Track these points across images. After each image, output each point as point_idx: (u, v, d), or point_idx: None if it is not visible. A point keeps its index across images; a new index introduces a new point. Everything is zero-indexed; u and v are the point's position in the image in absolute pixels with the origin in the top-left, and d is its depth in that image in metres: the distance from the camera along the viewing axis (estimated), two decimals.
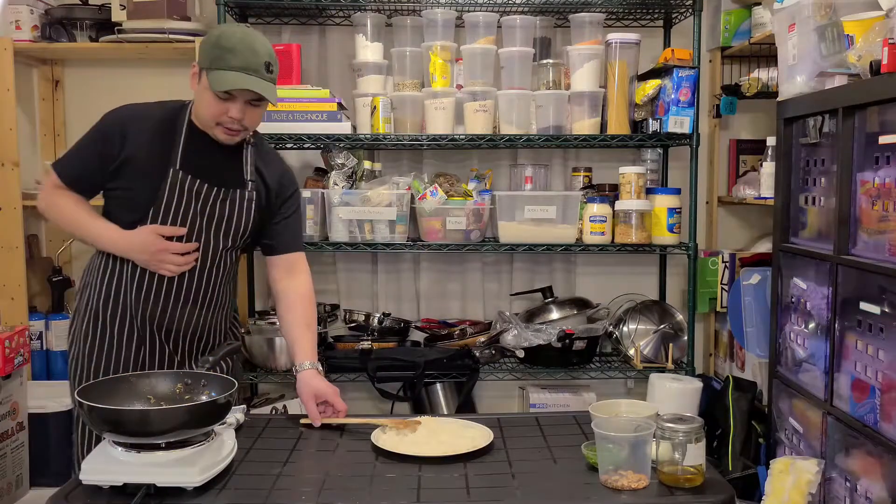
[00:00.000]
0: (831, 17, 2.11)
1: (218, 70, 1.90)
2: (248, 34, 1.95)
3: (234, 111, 1.93)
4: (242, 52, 1.90)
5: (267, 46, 1.95)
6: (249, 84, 1.90)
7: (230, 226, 2.05)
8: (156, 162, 2.00)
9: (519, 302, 3.33)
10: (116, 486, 1.50)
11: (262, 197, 2.10)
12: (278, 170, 2.15)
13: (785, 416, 2.40)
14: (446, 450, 1.70)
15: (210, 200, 2.02)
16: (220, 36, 1.94)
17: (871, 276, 1.91)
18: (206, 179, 2.01)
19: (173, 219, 1.99)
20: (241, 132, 1.99)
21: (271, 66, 1.95)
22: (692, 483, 1.54)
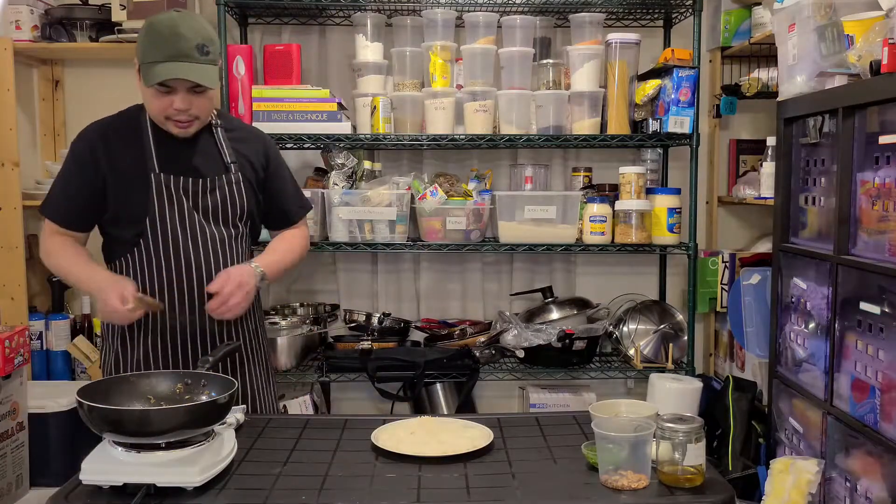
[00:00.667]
0: (831, 17, 2.11)
1: (149, 63, 1.85)
2: (175, 19, 1.87)
3: (178, 102, 1.88)
4: (168, 39, 1.83)
5: (198, 28, 1.87)
6: (178, 72, 1.83)
7: (227, 212, 2.03)
8: (135, 172, 1.97)
9: (519, 302, 3.33)
10: (116, 486, 1.50)
11: (250, 174, 2.08)
12: (257, 143, 2.13)
13: (785, 416, 2.40)
14: (446, 450, 1.70)
15: (200, 194, 2.00)
16: (147, 27, 1.88)
17: (871, 276, 1.91)
18: (189, 174, 1.99)
19: (170, 222, 1.98)
20: (193, 122, 1.95)
21: (205, 47, 1.87)
22: (692, 483, 1.54)
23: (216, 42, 1.93)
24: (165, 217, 1.98)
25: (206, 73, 1.87)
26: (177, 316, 2.02)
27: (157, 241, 2.00)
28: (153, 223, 1.98)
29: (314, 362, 3.02)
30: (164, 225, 1.98)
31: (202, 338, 2.05)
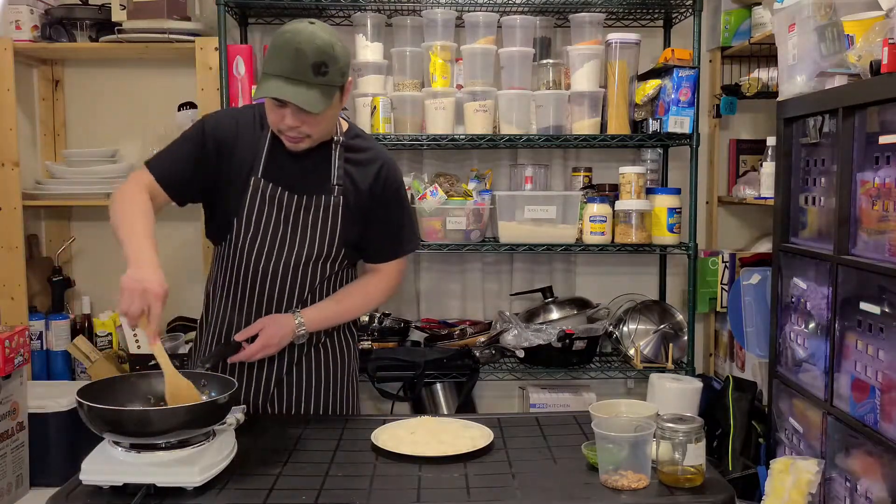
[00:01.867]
0: (831, 17, 2.11)
1: (264, 74, 1.79)
2: (299, 32, 1.76)
3: (289, 119, 1.81)
4: (285, 53, 1.75)
5: (321, 45, 1.75)
6: (278, 92, 1.75)
7: (316, 234, 1.95)
8: (242, 170, 1.94)
9: (519, 302, 3.33)
10: (116, 486, 1.50)
11: (354, 200, 1.96)
12: (374, 167, 1.98)
13: (785, 416, 2.40)
14: (446, 450, 1.70)
15: (293, 209, 1.94)
16: (276, 35, 1.79)
17: (871, 276, 1.91)
18: (289, 187, 1.93)
19: (255, 229, 1.94)
20: (304, 139, 1.87)
21: (323, 66, 1.75)
22: (692, 483, 1.54)
23: (340, 60, 1.79)
24: (252, 223, 1.94)
25: (312, 96, 1.75)
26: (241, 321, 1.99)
27: (242, 242, 1.96)
28: (240, 225, 1.95)
29: None
30: (248, 230, 1.94)
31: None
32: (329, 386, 2.10)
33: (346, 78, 1.86)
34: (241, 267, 1.98)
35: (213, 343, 2.05)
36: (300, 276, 1.98)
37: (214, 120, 2.00)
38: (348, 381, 2.16)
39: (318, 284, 2.01)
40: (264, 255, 1.96)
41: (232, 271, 1.99)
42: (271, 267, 1.96)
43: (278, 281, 1.97)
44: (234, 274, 1.99)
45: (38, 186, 3.02)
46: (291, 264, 1.96)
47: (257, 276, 1.97)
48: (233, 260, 1.99)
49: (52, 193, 3.00)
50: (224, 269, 2.02)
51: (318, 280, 2.00)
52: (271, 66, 1.78)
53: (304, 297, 2.00)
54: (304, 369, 2.06)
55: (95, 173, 3.02)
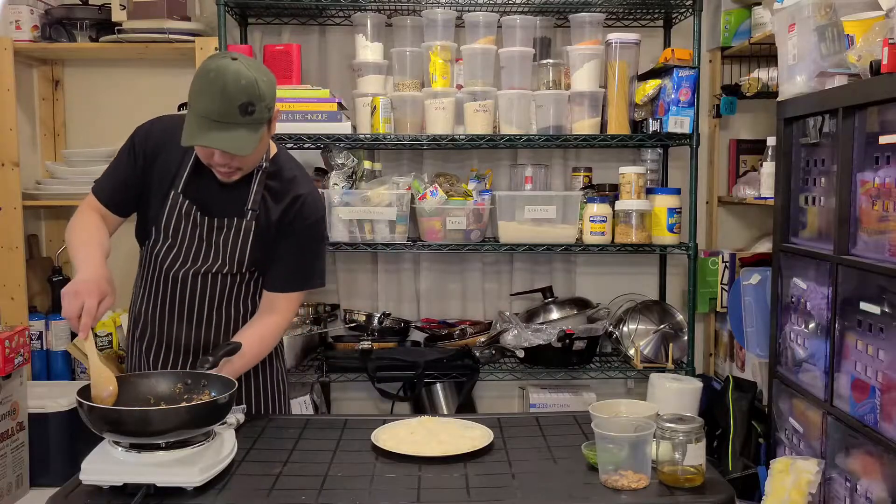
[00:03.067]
0: (831, 17, 2.11)
1: (189, 113, 1.77)
2: (225, 71, 1.72)
3: (217, 157, 1.83)
4: (210, 94, 1.73)
5: (244, 83, 1.73)
6: (208, 140, 1.74)
7: (226, 252, 1.99)
8: (165, 181, 1.97)
9: (519, 302, 3.33)
10: (116, 486, 1.50)
11: (264, 225, 1.98)
12: (289, 197, 1.99)
13: (785, 416, 2.40)
14: (446, 449, 1.70)
15: (205, 228, 1.98)
16: (200, 72, 1.76)
17: (871, 276, 1.91)
18: (204, 206, 1.96)
19: (171, 240, 1.99)
20: (237, 171, 1.89)
21: (250, 106, 1.74)
22: (692, 483, 1.54)
23: (266, 98, 1.78)
24: (168, 233, 1.99)
25: (241, 139, 1.76)
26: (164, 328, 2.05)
27: (157, 249, 2.02)
28: (157, 233, 2.00)
29: (314, 362, 3.02)
30: (165, 240, 2.00)
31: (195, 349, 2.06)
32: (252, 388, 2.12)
33: (273, 111, 1.86)
34: (156, 271, 2.03)
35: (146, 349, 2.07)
36: (209, 283, 2.02)
37: (145, 130, 2.03)
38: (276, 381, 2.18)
39: (228, 291, 2.04)
40: (177, 264, 2.01)
41: (149, 273, 2.05)
42: (181, 275, 2.01)
43: (188, 286, 2.02)
44: (151, 275, 2.05)
45: (38, 186, 3.02)
46: (201, 273, 2.01)
47: (169, 281, 2.02)
48: (149, 263, 2.05)
49: (52, 193, 3.00)
50: (143, 269, 2.08)
51: (227, 288, 2.04)
52: (197, 106, 1.76)
53: (217, 301, 2.04)
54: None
55: (95, 173, 2.97)
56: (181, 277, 2.01)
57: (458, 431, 1.81)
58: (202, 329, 2.04)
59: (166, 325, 2.04)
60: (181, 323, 2.03)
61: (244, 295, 2.08)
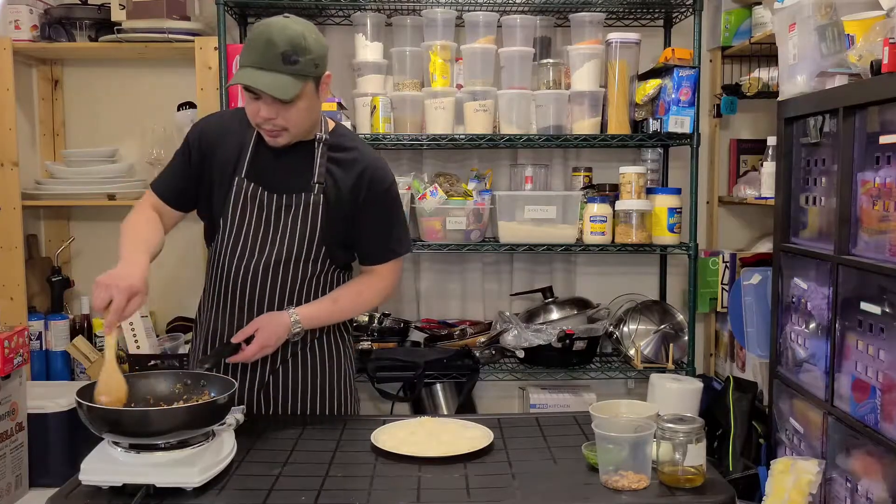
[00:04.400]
0: (832, 16, 2.11)
1: (239, 68, 1.82)
2: (271, 24, 1.79)
3: (263, 111, 1.83)
4: (256, 44, 1.78)
5: (290, 34, 1.77)
6: (248, 79, 1.77)
7: (295, 233, 1.95)
8: (227, 172, 1.97)
9: (519, 302, 3.33)
10: (116, 487, 1.50)
11: (335, 199, 1.95)
12: (357, 168, 1.97)
13: (785, 417, 2.40)
14: (447, 450, 1.70)
15: (273, 208, 1.95)
16: (251, 30, 1.84)
17: (871, 276, 1.91)
18: (269, 186, 1.94)
19: (237, 230, 1.96)
20: (282, 133, 1.88)
21: (293, 56, 1.77)
22: (693, 483, 1.54)
23: (312, 52, 1.79)
24: (234, 223, 1.96)
25: (281, 82, 1.77)
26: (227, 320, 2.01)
27: (226, 243, 1.98)
28: (225, 225, 1.98)
29: None
30: (232, 231, 1.97)
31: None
32: (318, 387, 2.08)
33: (322, 70, 1.86)
34: (225, 267, 1.99)
35: (204, 343, 2.05)
36: (280, 276, 1.97)
37: (200, 127, 2.05)
38: (343, 383, 2.13)
39: (300, 286, 2.00)
40: (246, 256, 1.97)
41: (219, 272, 2.01)
42: (252, 267, 1.97)
43: (259, 282, 1.97)
44: (220, 275, 2.01)
45: (37, 186, 3.02)
46: (272, 264, 1.96)
47: (238, 277, 1.98)
48: (219, 261, 2.01)
49: (51, 193, 3.00)
50: (212, 270, 2.04)
51: (299, 282, 1.99)
52: (244, 59, 1.81)
53: (287, 299, 1.99)
54: (291, 370, 2.05)
55: (95, 173, 3.02)
56: (251, 271, 1.96)
57: (458, 432, 1.80)
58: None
59: (230, 319, 2.00)
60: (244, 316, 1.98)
61: (315, 288, 2.02)
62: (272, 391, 2.04)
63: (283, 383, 2.04)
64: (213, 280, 2.04)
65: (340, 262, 2.06)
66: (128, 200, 2.87)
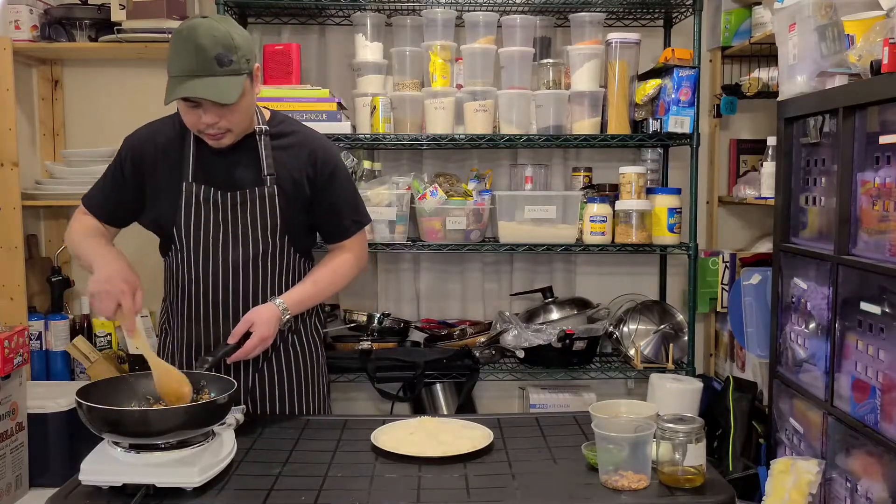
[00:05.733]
0: (832, 16, 2.11)
1: (170, 77, 1.77)
2: (195, 27, 1.75)
3: (205, 117, 1.81)
4: (185, 50, 1.74)
5: (217, 35, 1.75)
6: (190, 91, 1.73)
7: (257, 229, 1.94)
8: (170, 179, 1.94)
9: (519, 302, 3.33)
10: (116, 487, 1.50)
11: (290, 186, 1.95)
12: (305, 151, 1.97)
13: (785, 417, 2.40)
14: (446, 450, 1.70)
15: (228, 206, 1.93)
16: (173, 35, 1.78)
17: (871, 276, 1.91)
18: (220, 185, 1.92)
19: (195, 235, 1.94)
20: (225, 134, 1.86)
21: (226, 56, 1.75)
22: (692, 483, 1.54)
23: (242, 49, 1.79)
24: (191, 228, 1.94)
25: (223, 87, 1.74)
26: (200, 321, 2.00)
27: (186, 250, 1.96)
28: (180, 233, 1.95)
29: None
30: (191, 235, 1.94)
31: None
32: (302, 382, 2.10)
33: (252, 64, 1.86)
34: (191, 274, 1.97)
35: (183, 354, 2.04)
36: (251, 275, 1.97)
37: (131, 141, 2.03)
38: (320, 373, 2.16)
39: (270, 281, 1.99)
40: (210, 259, 1.95)
41: (184, 280, 1.99)
42: (220, 270, 1.96)
43: (230, 283, 1.96)
44: (186, 283, 1.98)
45: (37, 186, 3.02)
46: (240, 264, 1.95)
47: (208, 282, 1.96)
48: (182, 269, 1.98)
49: (51, 193, 3.00)
50: (175, 280, 2.01)
51: (269, 277, 1.99)
52: (174, 68, 1.77)
53: (259, 296, 1.99)
54: (276, 371, 2.06)
55: (95, 173, 2.97)
56: (220, 273, 1.95)
57: (457, 432, 1.80)
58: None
59: (202, 327, 1.99)
60: (218, 321, 1.98)
61: (284, 281, 2.01)
62: (258, 393, 2.05)
63: (269, 384, 2.06)
64: (178, 289, 2.00)
65: (303, 250, 2.07)
66: None
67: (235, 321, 1.95)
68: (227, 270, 1.96)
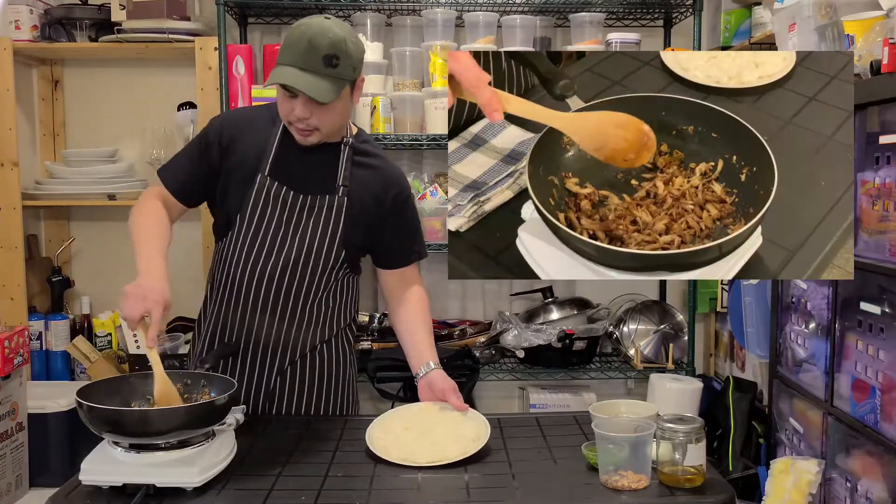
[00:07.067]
0: (832, 16, 2.11)
1: (277, 64, 1.81)
2: (313, 25, 1.79)
3: (298, 109, 1.82)
4: (298, 45, 1.78)
5: (332, 38, 1.77)
6: (290, 79, 1.77)
7: (316, 234, 1.94)
8: (247, 167, 1.94)
9: (519, 302, 3.33)
10: (116, 487, 1.50)
11: (358, 204, 1.96)
12: (381, 173, 2.00)
13: (785, 417, 2.40)
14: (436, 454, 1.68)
15: (296, 208, 1.93)
16: (291, 28, 1.83)
17: (871, 276, 1.91)
18: (294, 186, 1.93)
19: (256, 228, 1.94)
20: (313, 132, 1.87)
21: (334, 59, 1.77)
22: (692, 483, 1.54)
23: (353, 57, 1.81)
24: (254, 219, 1.94)
25: (322, 86, 1.77)
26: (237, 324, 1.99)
27: (243, 239, 1.96)
28: (242, 221, 1.95)
29: None
30: (249, 228, 1.94)
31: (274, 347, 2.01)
32: (324, 390, 2.08)
33: (358, 74, 1.87)
34: (238, 266, 1.97)
35: (209, 342, 2.04)
36: (297, 277, 1.96)
37: (222, 118, 2.04)
38: (347, 385, 2.14)
39: (315, 288, 1.99)
40: (263, 255, 1.95)
41: (229, 269, 1.99)
42: (269, 266, 1.95)
43: (275, 281, 1.96)
44: (231, 272, 1.98)
45: (37, 186, 3.02)
46: (290, 264, 1.95)
47: (254, 276, 1.96)
48: (231, 257, 1.98)
49: (51, 193, 3.00)
50: (222, 267, 2.01)
51: (315, 284, 1.99)
52: (284, 56, 1.80)
53: (300, 300, 1.98)
54: (299, 372, 2.05)
55: (95, 173, 3.02)
56: (268, 270, 1.94)
57: (453, 426, 1.79)
58: (285, 325, 1.98)
59: (239, 317, 1.98)
60: (255, 314, 1.97)
61: (325, 287, 2.01)
62: (278, 393, 2.04)
63: (289, 385, 2.05)
64: (221, 277, 2.01)
65: (354, 267, 2.08)
66: (128, 200, 2.87)
67: (272, 317, 1.96)
68: (275, 267, 1.95)
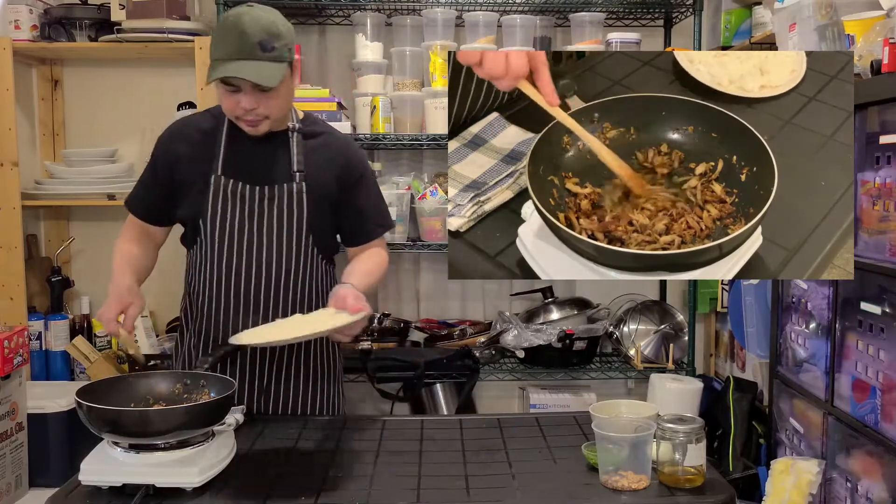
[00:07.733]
0: (832, 16, 2.11)
1: (212, 60, 1.81)
2: (242, 14, 1.79)
3: (244, 101, 1.82)
4: (229, 35, 1.78)
5: (262, 22, 1.79)
6: (230, 71, 1.76)
7: (283, 223, 1.95)
8: (200, 172, 1.94)
9: (519, 302, 3.33)
10: (116, 487, 1.50)
11: (318, 185, 1.96)
12: (336, 153, 2.00)
13: (785, 417, 2.40)
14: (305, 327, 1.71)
15: (256, 201, 1.93)
16: (218, 22, 1.85)
17: (871, 276, 1.91)
18: (250, 180, 1.93)
19: (221, 229, 1.94)
20: (262, 121, 1.88)
21: (269, 43, 1.78)
22: (692, 483, 1.54)
23: (285, 37, 1.83)
24: (217, 220, 1.94)
25: (264, 72, 1.78)
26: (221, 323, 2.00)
27: (211, 243, 1.96)
28: (206, 225, 1.95)
29: None
30: (217, 228, 1.94)
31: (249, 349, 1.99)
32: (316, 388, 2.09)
33: (293, 55, 1.88)
34: (214, 269, 1.97)
35: (199, 347, 2.04)
36: (273, 271, 1.96)
37: (164, 134, 2.05)
38: (333, 384, 2.14)
39: (293, 279, 1.99)
40: (235, 254, 1.95)
41: (204, 275, 1.99)
42: (244, 264, 1.95)
43: (252, 278, 1.96)
44: (207, 277, 1.98)
45: (37, 186, 3.02)
46: (264, 259, 1.95)
47: (230, 275, 1.96)
48: (203, 263, 1.98)
49: (51, 193, 3.00)
50: (197, 275, 2.01)
51: (292, 274, 1.98)
52: (217, 51, 1.80)
53: (280, 293, 1.98)
54: (294, 371, 2.05)
55: (95, 173, 3.02)
56: (244, 268, 1.94)
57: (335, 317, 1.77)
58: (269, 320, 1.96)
59: (222, 320, 1.98)
60: (238, 315, 1.97)
61: (305, 281, 2.01)
62: (273, 392, 2.04)
63: (284, 384, 2.05)
64: (200, 282, 2.00)
65: (326, 251, 2.07)
66: None
67: (255, 316, 1.96)
68: (250, 265, 1.96)
